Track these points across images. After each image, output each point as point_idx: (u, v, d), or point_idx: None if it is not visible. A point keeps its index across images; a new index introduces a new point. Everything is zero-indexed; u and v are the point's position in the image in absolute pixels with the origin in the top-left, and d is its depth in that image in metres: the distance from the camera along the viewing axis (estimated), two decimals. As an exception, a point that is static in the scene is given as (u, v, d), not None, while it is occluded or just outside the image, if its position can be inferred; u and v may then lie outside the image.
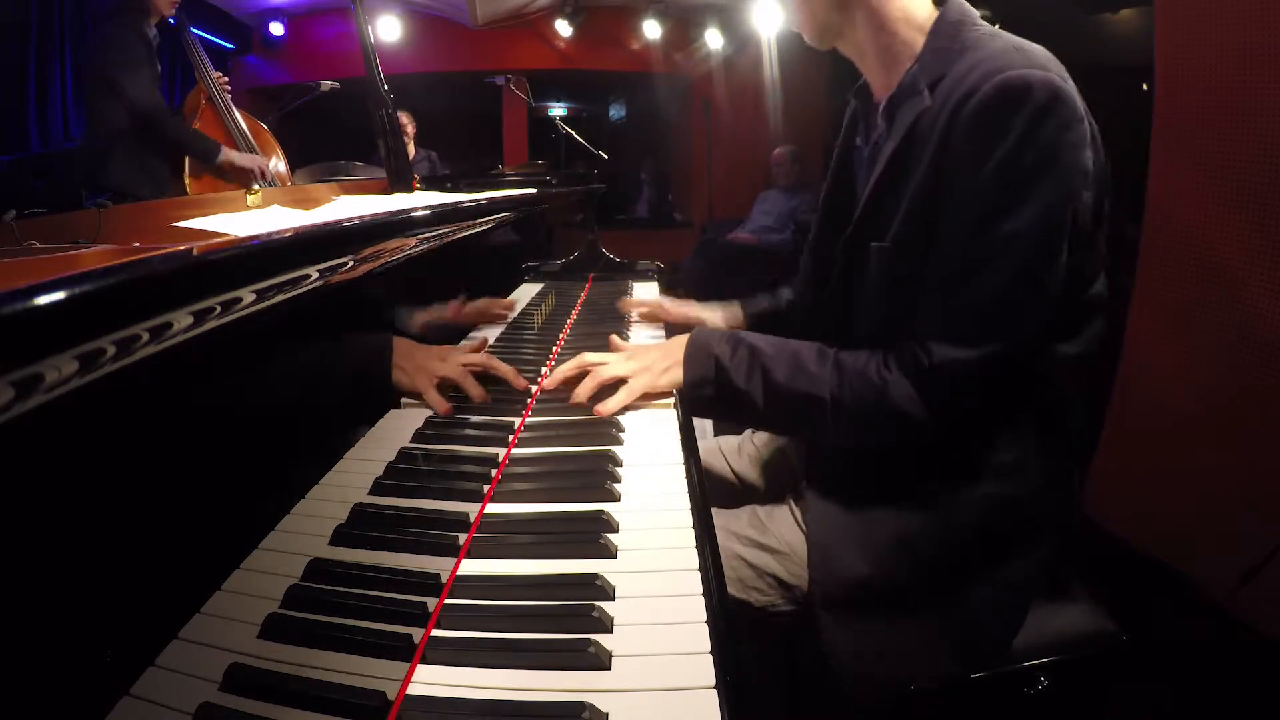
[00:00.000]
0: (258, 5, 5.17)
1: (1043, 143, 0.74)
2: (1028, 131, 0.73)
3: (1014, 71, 0.74)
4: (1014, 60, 0.75)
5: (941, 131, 0.78)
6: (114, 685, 0.44)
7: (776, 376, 0.89)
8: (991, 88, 0.74)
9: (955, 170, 0.78)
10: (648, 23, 5.44)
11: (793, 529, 0.96)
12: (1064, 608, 0.96)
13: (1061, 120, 0.74)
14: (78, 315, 0.36)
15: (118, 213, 1.13)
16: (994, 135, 0.74)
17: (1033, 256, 0.76)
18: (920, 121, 0.82)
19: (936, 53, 0.83)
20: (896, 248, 0.84)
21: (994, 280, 0.77)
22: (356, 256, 0.73)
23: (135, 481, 0.48)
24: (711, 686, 0.48)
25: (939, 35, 0.84)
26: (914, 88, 0.84)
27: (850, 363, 0.86)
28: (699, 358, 0.94)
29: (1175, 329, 1.84)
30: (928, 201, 0.81)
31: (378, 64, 1.44)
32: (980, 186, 0.76)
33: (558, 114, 5.18)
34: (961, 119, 0.76)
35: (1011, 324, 0.78)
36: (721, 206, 5.73)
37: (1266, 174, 1.57)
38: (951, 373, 0.79)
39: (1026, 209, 0.75)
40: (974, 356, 0.78)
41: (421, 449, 0.83)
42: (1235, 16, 1.61)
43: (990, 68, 0.76)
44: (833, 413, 0.85)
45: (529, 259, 1.80)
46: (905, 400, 0.82)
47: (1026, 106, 0.73)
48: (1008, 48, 0.79)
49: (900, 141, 0.84)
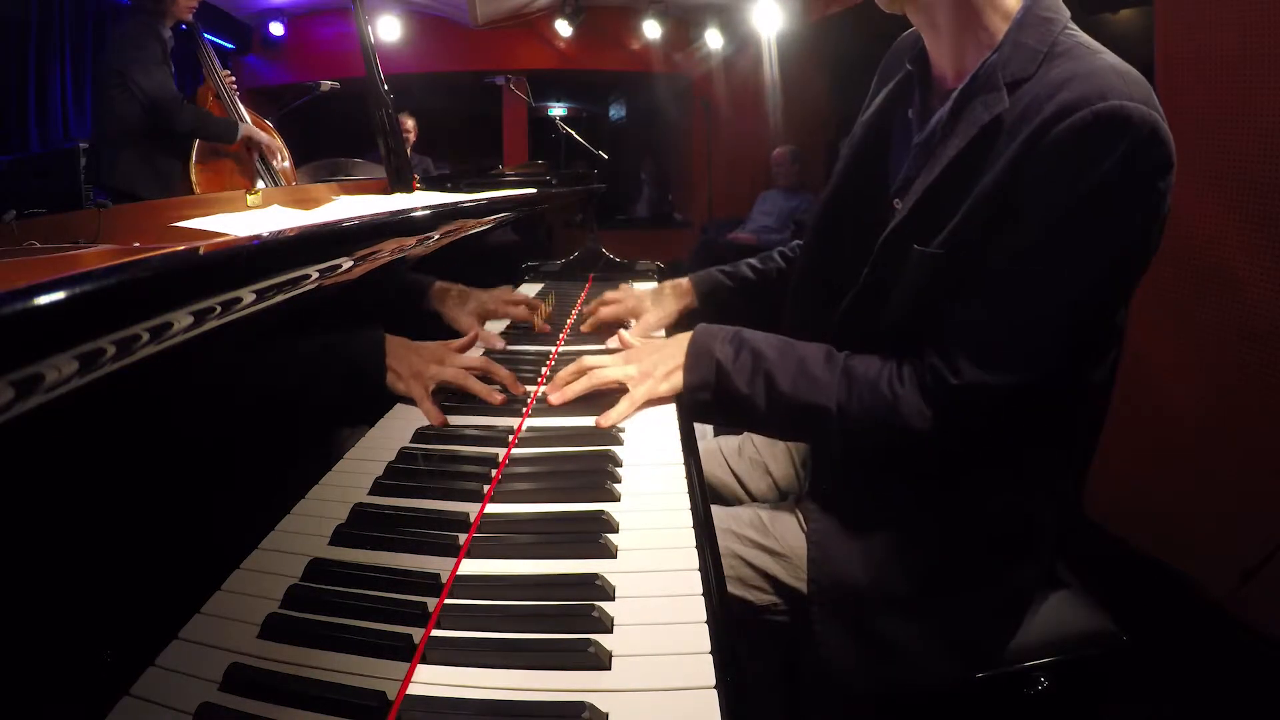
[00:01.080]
0: (258, 5, 5.18)
1: (1133, 182, 0.69)
2: (1122, 167, 0.68)
3: (1116, 101, 0.68)
4: (1116, 86, 0.69)
5: (1022, 146, 0.72)
6: (114, 685, 0.44)
7: (780, 384, 0.86)
8: (1091, 113, 0.68)
9: (1032, 190, 0.72)
10: (648, 23, 5.44)
11: (796, 534, 0.95)
12: (1064, 608, 0.96)
13: (1156, 164, 0.69)
14: (78, 315, 0.36)
15: (118, 213, 1.14)
16: (1085, 164, 0.69)
17: (1095, 295, 0.73)
18: (994, 126, 0.76)
19: (1020, 48, 0.77)
20: (945, 256, 0.79)
21: (1048, 310, 0.74)
22: (356, 257, 0.73)
23: (135, 482, 0.48)
24: (711, 686, 0.48)
25: (1025, 28, 0.77)
26: (991, 83, 0.77)
27: (861, 372, 0.83)
28: (700, 361, 0.91)
29: (1175, 329, 1.84)
30: (990, 214, 0.75)
31: (378, 64, 1.44)
32: (1058, 213, 0.71)
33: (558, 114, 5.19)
34: (1050, 139, 0.70)
35: (1054, 357, 0.75)
36: (721, 206, 5.73)
37: (1266, 173, 1.57)
38: (977, 395, 0.76)
39: (1103, 246, 0.71)
40: (1007, 382, 0.75)
41: (421, 449, 0.83)
42: (1235, 16, 1.61)
43: (1088, 89, 0.69)
44: (838, 423, 0.83)
45: (529, 259, 1.80)
46: (915, 416, 0.79)
47: (1125, 141, 0.68)
48: (1108, 69, 0.71)
49: (969, 144, 0.77)
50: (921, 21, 0.87)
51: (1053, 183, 0.71)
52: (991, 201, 0.75)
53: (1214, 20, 1.68)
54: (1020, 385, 0.75)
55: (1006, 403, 0.76)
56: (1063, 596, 0.97)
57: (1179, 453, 1.84)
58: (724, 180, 5.87)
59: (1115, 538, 1.95)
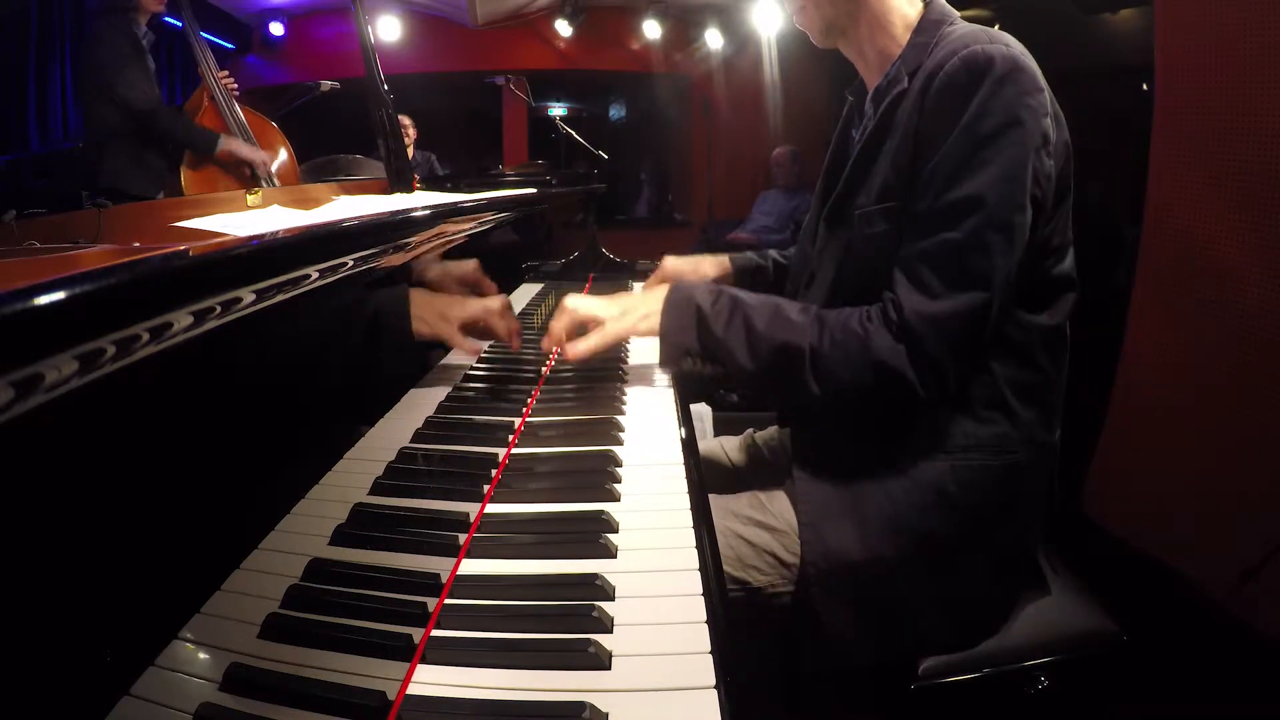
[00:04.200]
0: (258, 5, 5.17)
1: (1003, 107, 0.81)
2: (990, 97, 0.81)
3: (977, 46, 0.82)
4: (979, 37, 0.84)
5: (916, 104, 0.85)
6: (114, 685, 0.44)
7: (757, 325, 0.90)
8: (958, 60, 0.82)
9: (927, 138, 0.84)
10: (648, 23, 5.42)
11: (791, 509, 0.96)
12: (1064, 608, 0.96)
13: (1021, 88, 0.81)
14: (78, 315, 0.36)
15: (118, 213, 1.14)
16: (960, 102, 0.82)
17: (996, 210, 0.81)
18: (898, 103, 0.89)
19: (916, 47, 0.91)
20: (876, 204, 0.90)
21: (960, 233, 0.82)
22: (356, 257, 0.73)
23: (135, 481, 0.48)
24: (711, 686, 0.48)
25: (921, 32, 0.92)
26: (897, 78, 0.91)
27: (833, 315, 0.89)
28: (680, 305, 0.95)
29: (1175, 329, 1.84)
30: (905, 163, 0.86)
31: (378, 64, 1.44)
32: (947, 149, 0.82)
33: (558, 114, 5.19)
34: (932, 90, 0.84)
35: (979, 275, 0.82)
36: (721, 206, 5.72)
37: (1266, 173, 1.57)
38: (923, 323, 0.82)
39: (990, 168, 0.81)
40: (945, 308, 0.82)
41: (421, 449, 0.83)
42: (1235, 16, 1.61)
43: (957, 45, 0.84)
44: (812, 362, 0.87)
45: (529, 259, 1.80)
46: (887, 351, 0.84)
47: (989, 75, 0.81)
48: (974, 29, 0.87)
49: (879, 121, 0.91)
50: (852, 53, 1.01)
51: (941, 120, 0.83)
52: (903, 154, 0.87)
53: (1214, 20, 1.68)
54: (960, 307, 0.82)
55: (953, 325, 0.82)
56: (1063, 596, 0.97)
57: (1179, 453, 1.84)
58: (724, 180, 5.86)
59: (1115, 537, 1.95)
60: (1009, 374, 0.89)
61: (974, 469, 0.88)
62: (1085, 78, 2.48)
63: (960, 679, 0.90)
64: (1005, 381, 0.89)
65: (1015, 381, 0.89)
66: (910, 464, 0.89)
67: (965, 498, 0.88)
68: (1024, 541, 0.95)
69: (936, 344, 0.82)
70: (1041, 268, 0.88)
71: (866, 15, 0.95)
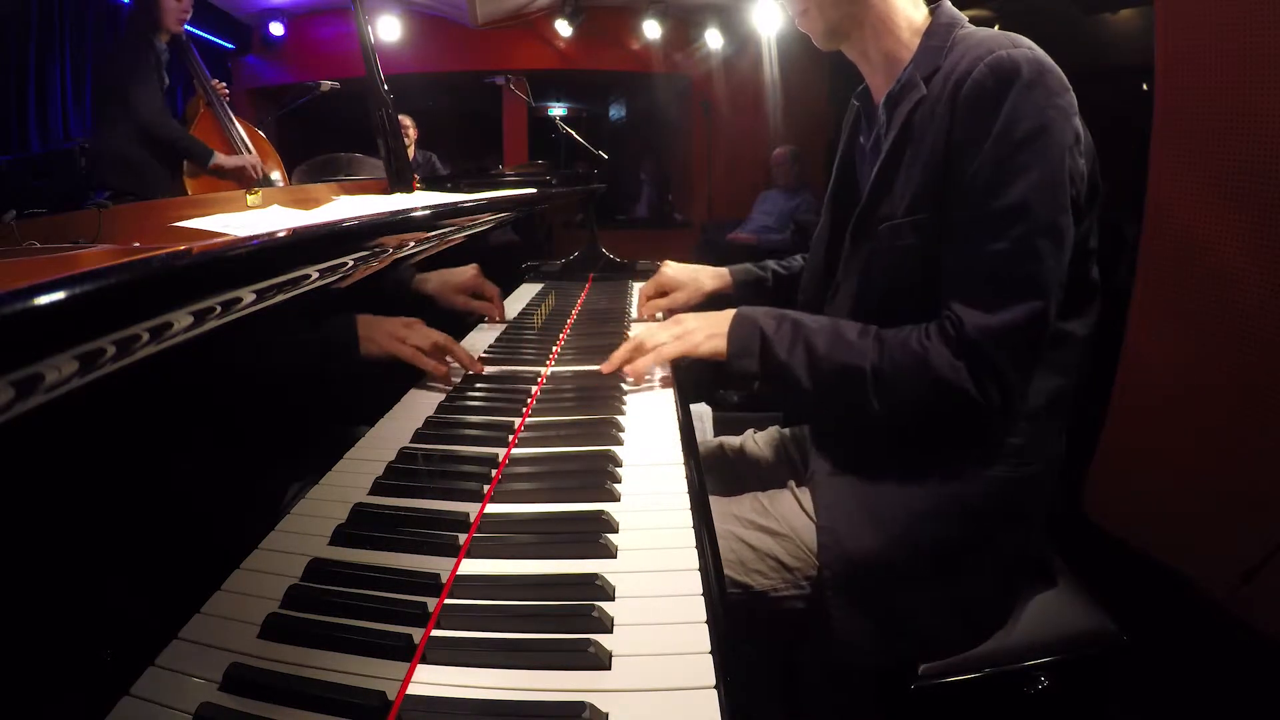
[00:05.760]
0: (258, 5, 5.17)
1: (1035, 111, 0.80)
2: (1021, 102, 0.80)
3: (1002, 52, 0.82)
4: (1001, 42, 0.83)
5: (945, 114, 0.84)
6: (114, 685, 0.44)
7: (819, 348, 0.91)
8: (985, 67, 0.81)
9: (960, 149, 0.83)
10: (648, 23, 5.42)
11: (796, 512, 0.96)
12: (1064, 608, 0.96)
13: (1050, 89, 0.81)
14: (78, 315, 0.36)
15: (118, 213, 1.14)
16: (990, 109, 0.81)
17: (1041, 214, 0.81)
18: (919, 110, 0.88)
19: (929, 50, 0.90)
20: (905, 217, 0.89)
21: (1008, 243, 0.81)
22: (356, 257, 0.73)
23: (135, 481, 0.48)
24: (711, 686, 0.48)
25: (933, 35, 0.91)
26: (911, 83, 0.90)
27: (891, 335, 0.89)
28: (744, 329, 0.96)
29: (1175, 329, 1.84)
30: (937, 175, 0.85)
31: (378, 64, 1.44)
32: (983, 158, 0.82)
33: (558, 114, 5.19)
34: (963, 99, 0.83)
35: (1033, 282, 0.81)
36: (721, 206, 5.72)
37: (1266, 173, 1.57)
38: (984, 338, 0.82)
39: (1029, 172, 0.80)
40: (1004, 320, 0.81)
41: (421, 449, 0.83)
42: (1235, 16, 1.61)
43: (980, 52, 0.83)
44: (874, 382, 0.87)
45: (529, 259, 1.80)
46: (946, 368, 0.83)
47: (1018, 81, 0.80)
48: (992, 34, 0.87)
49: (901, 130, 0.90)
50: (855, 55, 1.00)
51: (974, 129, 0.82)
52: (934, 164, 0.86)
53: (1214, 20, 1.68)
54: (1020, 317, 0.81)
55: (1023, 336, 0.82)
56: (1063, 596, 0.97)
57: (1179, 453, 1.84)
58: (724, 180, 5.86)
59: (1115, 537, 1.95)
60: (1043, 384, 0.88)
61: (997, 479, 0.89)
62: (1085, 78, 2.49)
63: (960, 679, 0.90)
64: (1041, 392, 0.88)
65: (1048, 392, 0.89)
66: (935, 472, 0.90)
67: (984, 506, 0.89)
68: (1031, 546, 0.95)
69: (999, 357, 0.82)
70: (1079, 271, 0.87)
71: (871, 18, 0.94)
